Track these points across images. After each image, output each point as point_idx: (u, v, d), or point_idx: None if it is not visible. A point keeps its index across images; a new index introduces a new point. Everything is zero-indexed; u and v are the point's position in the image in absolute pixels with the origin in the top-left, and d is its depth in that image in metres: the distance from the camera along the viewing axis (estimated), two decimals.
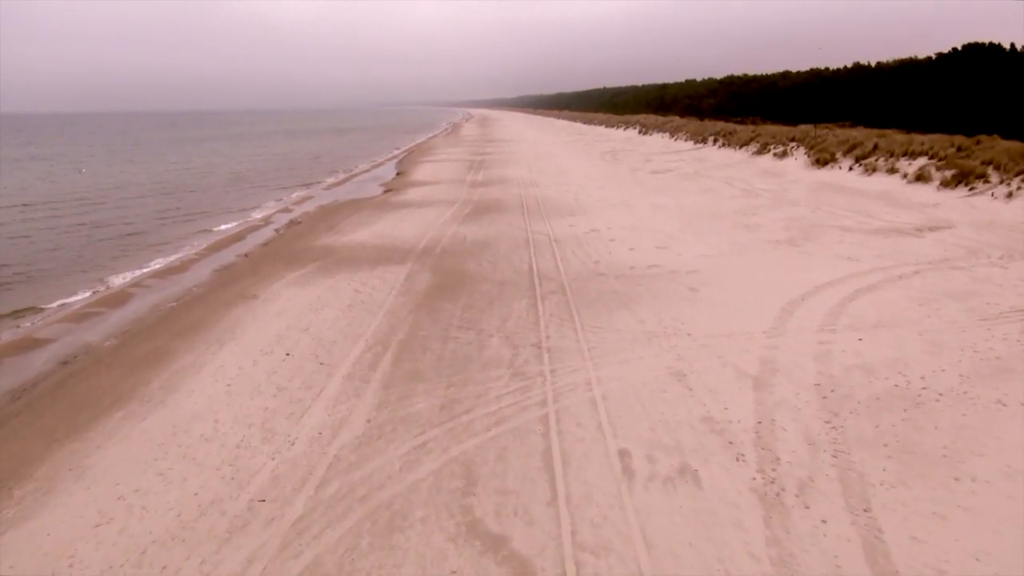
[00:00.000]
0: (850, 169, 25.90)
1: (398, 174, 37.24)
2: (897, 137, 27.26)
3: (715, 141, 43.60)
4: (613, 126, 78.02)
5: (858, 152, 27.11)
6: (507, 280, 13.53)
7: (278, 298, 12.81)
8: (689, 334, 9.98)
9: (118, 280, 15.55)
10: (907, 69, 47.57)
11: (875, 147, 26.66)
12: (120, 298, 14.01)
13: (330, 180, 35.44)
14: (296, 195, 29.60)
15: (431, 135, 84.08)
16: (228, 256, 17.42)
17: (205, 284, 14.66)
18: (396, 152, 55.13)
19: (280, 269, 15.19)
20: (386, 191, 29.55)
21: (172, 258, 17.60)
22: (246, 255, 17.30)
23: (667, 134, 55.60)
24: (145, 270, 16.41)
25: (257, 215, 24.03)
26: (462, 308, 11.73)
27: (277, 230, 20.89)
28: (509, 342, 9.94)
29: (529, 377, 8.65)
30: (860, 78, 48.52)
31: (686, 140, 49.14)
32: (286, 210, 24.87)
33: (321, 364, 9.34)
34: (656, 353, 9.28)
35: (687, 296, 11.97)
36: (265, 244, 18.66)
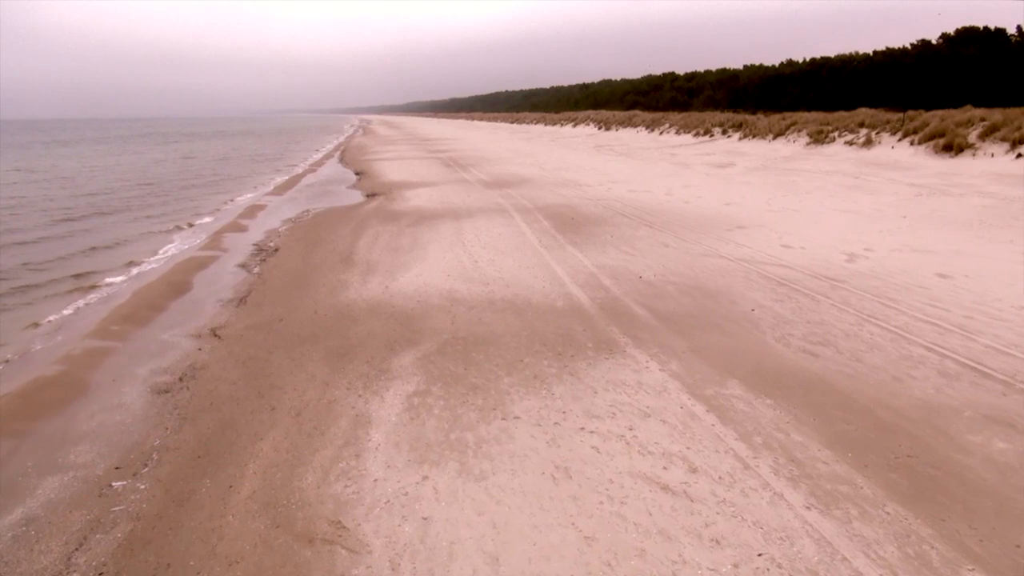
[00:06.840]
0: (1018, 156, 19.34)
1: (359, 175, 27.57)
2: None
3: (724, 132, 37.08)
4: (555, 124, 70.86)
5: (1005, 135, 20.74)
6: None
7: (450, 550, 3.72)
8: None
9: None
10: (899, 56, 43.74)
11: None
12: None
13: (276, 181, 25.38)
14: (240, 203, 19.52)
15: (346, 136, 73.26)
16: (177, 339, 7.58)
17: (146, 467, 5.09)
18: (319, 156, 43.74)
19: (332, 384, 5.94)
20: (370, 195, 20.14)
21: (42, 354, 7.53)
22: (215, 333, 7.69)
23: (639, 129, 48.77)
24: None
25: (196, 235, 13.99)
26: None
27: (245, 266, 11.12)
28: None
29: None
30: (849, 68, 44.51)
31: (678, 133, 42.29)
32: (238, 227, 14.83)
33: None
34: None
35: None
36: (241, 301, 9.00)
